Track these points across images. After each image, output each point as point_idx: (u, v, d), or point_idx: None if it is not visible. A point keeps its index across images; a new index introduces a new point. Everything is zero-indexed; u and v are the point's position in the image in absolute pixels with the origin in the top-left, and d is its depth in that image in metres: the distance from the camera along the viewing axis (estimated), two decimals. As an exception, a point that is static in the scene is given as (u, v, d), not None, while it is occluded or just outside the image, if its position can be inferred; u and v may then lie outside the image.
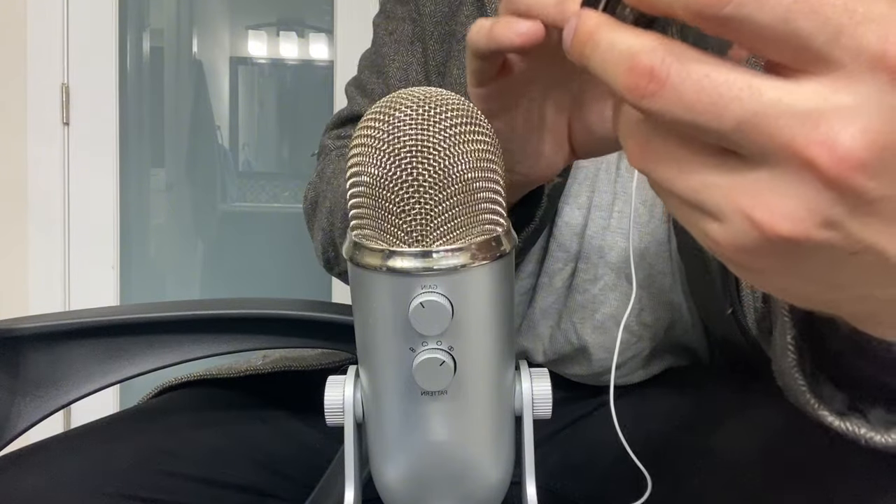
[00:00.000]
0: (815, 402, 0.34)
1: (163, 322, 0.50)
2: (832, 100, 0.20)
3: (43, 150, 1.76)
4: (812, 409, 0.34)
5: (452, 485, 0.37)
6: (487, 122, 0.31)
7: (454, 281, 0.30)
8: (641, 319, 0.62)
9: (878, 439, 0.32)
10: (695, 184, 0.23)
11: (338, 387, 0.37)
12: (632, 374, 0.66)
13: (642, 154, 0.25)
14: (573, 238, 0.61)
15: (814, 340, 0.35)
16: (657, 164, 0.24)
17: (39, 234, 1.77)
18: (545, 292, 0.63)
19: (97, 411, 0.65)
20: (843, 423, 0.33)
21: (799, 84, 0.21)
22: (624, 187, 0.60)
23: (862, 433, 0.32)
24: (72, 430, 0.56)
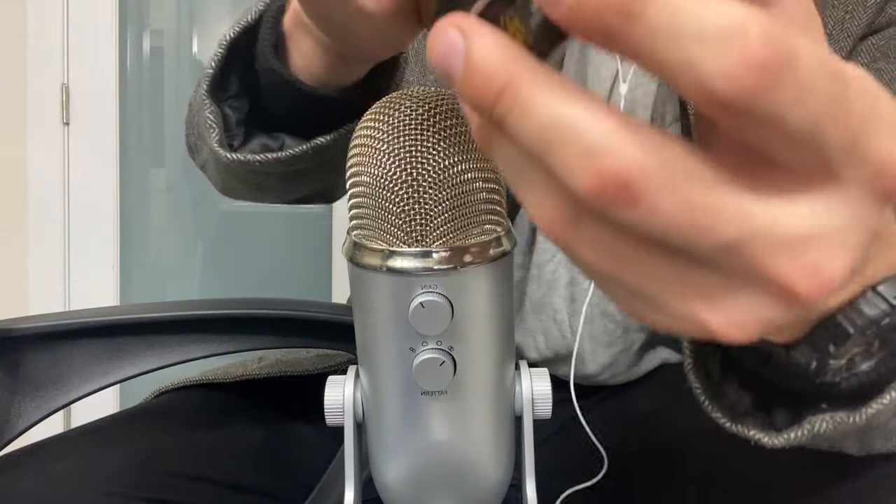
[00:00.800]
0: (709, 403, 0.34)
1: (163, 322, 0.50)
2: (825, 223, 0.19)
3: (43, 150, 1.76)
4: (706, 409, 0.34)
5: (452, 485, 0.37)
6: None
7: (454, 281, 0.30)
8: None
9: (765, 441, 0.33)
10: (640, 278, 0.20)
11: (338, 387, 0.37)
12: (626, 371, 0.66)
13: (567, 234, 0.20)
14: None
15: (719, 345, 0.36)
16: (588, 250, 0.20)
17: (39, 234, 1.77)
18: (535, 284, 0.63)
19: (97, 411, 0.65)
20: (735, 426, 0.33)
21: (794, 204, 0.19)
22: None
23: (751, 435, 0.33)
24: (72, 430, 0.56)
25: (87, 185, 1.78)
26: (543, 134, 0.18)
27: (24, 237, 1.77)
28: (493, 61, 0.18)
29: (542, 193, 0.20)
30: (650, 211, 0.18)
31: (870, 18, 0.52)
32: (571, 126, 0.18)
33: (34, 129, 1.75)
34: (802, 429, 0.32)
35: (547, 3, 0.17)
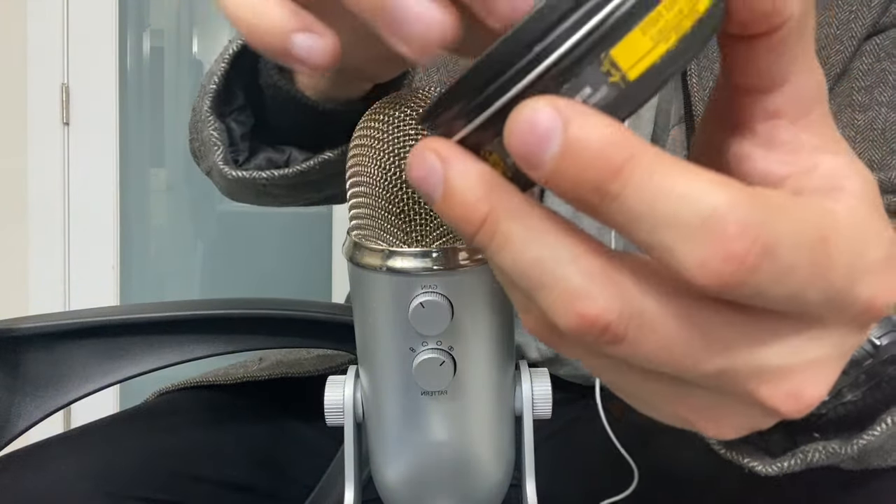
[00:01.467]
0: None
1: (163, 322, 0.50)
2: (808, 356, 0.19)
3: (43, 150, 1.76)
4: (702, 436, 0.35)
5: (452, 485, 0.37)
6: None
7: (454, 281, 0.30)
8: None
9: (759, 469, 0.33)
10: (630, 388, 0.21)
11: (338, 387, 0.37)
12: None
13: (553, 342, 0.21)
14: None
15: None
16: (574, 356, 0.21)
17: (39, 234, 1.77)
18: None
19: (97, 411, 0.65)
20: (729, 452, 0.34)
21: (777, 341, 0.19)
22: None
23: (745, 462, 0.33)
24: (72, 430, 0.56)
25: (87, 185, 1.78)
26: (523, 272, 0.18)
27: (24, 237, 1.77)
28: (471, 192, 0.18)
29: (527, 306, 0.20)
30: (633, 350, 0.18)
31: (874, 19, 0.52)
32: (552, 270, 0.17)
33: (34, 129, 1.75)
34: (796, 458, 0.32)
35: (527, 165, 0.17)
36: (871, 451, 0.33)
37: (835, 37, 0.53)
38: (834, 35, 0.53)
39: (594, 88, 0.17)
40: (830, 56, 0.53)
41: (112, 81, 1.76)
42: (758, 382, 0.19)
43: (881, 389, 0.31)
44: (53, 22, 1.74)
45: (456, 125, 0.19)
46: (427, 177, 0.18)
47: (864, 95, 0.52)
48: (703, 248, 0.16)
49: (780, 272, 0.17)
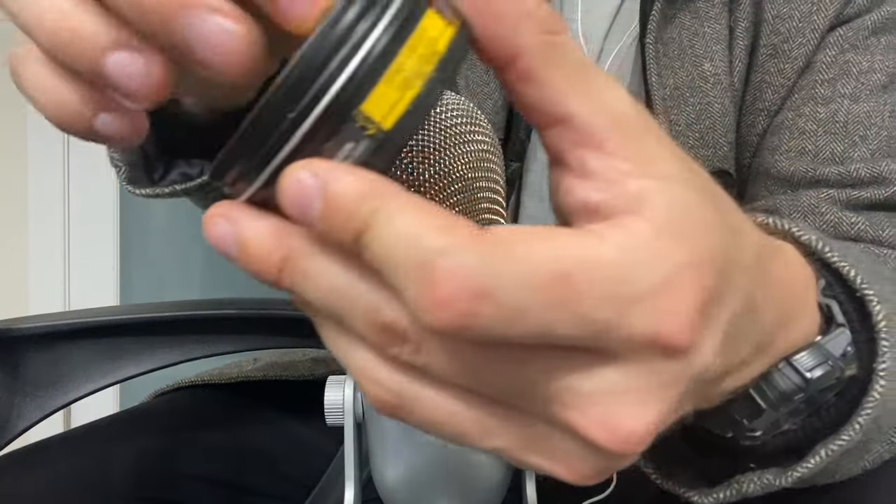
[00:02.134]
0: (642, 460, 0.34)
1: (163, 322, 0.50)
2: (610, 384, 0.19)
3: (43, 150, 1.76)
4: (639, 464, 0.34)
5: (452, 485, 0.37)
6: (487, 122, 0.31)
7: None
8: None
9: (695, 499, 0.32)
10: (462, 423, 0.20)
11: (338, 387, 0.37)
12: None
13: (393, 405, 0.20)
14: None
15: None
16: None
17: (39, 234, 1.77)
18: None
19: (97, 411, 0.65)
20: (665, 483, 0.33)
21: (569, 366, 0.19)
22: None
23: (681, 493, 0.32)
24: (72, 430, 0.56)
25: (87, 185, 1.78)
26: (328, 300, 0.19)
27: (24, 237, 1.77)
28: (264, 244, 0.19)
29: (335, 339, 0.21)
30: (427, 360, 0.19)
31: (837, 10, 0.51)
32: (350, 294, 0.19)
33: (34, 129, 1.75)
34: (731, 488, 0.31)
35: (303, 223, 0.18)
36: (815, 478, 0.32)
37: (797, 30, 0.52)
38: (796, 28, 0.52)
39: (356, 142, 0.18)
40: (793, 49, 0.52)
41: (112, 81, 1.76)
42: (562, 406, 0.19)
43: (820, 417, 0.30)
44: (53, 22, 1.74)
45: (240, 185, 0.20)
46: (222, 238, 0.20)
47: (826, 88, 0.52)
48: (420, 293, 0.17)
49: (507, 314, 0.17)
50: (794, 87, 0.53)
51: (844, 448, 0.29)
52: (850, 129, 0.50)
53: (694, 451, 0.34)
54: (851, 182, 0.50)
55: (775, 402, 0.28)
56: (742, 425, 0.29)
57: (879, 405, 0.29)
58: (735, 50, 0.54)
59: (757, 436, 0.30)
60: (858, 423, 0.29)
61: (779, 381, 0.28)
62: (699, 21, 0.54)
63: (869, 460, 0.35)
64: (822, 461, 0.29)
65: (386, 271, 0.18)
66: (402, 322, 0.18)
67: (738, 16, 0.54)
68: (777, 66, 0.53)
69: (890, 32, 0.52)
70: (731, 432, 0.29)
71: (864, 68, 0.51)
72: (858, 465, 0.35)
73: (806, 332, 0.29)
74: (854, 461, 0.34)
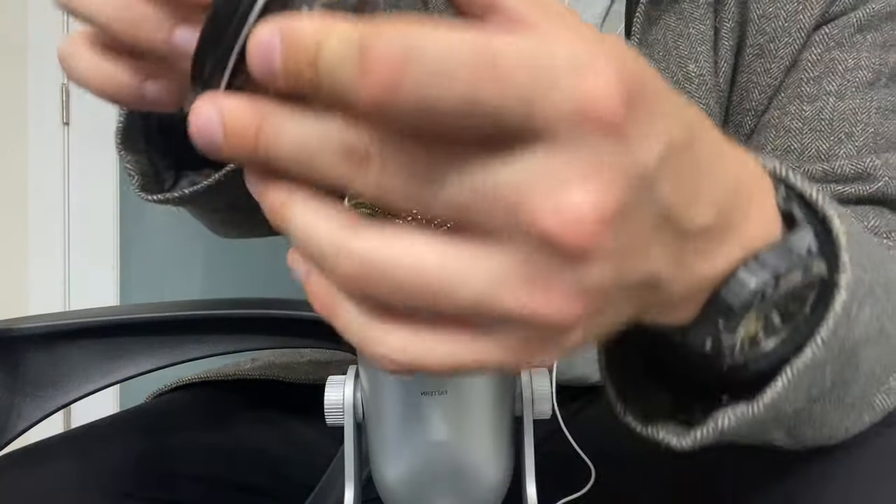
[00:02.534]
0: (620, 406, 0.33)
1: (163, 322, 0.50)
2: (555, 168, 0.19)
3: (43, 150, 1.76)
4: (619, 414, 0.34)
5: (452, 485, 0.37)
6: None
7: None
8: None
9: (674, 443, 0.32)
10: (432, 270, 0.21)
11: (338, 387, 0.37)
12: None
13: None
14: None
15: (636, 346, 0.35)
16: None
17: (39, 234, 1.77)
18: None
19: (97, 411, 0.65)
20: (645, 429, 0.33)
21: (516, 156, 0.19)
22: None
23: (661, 438, 0.32)
24: (72, 430, 0.56)
25: (87, 185, 1.78)
26: (299, 150, 0.21)
27: (24, 237, 1.77)
28: (242, 114, 0.21)
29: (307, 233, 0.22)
30: (381, 180, 0.20)
31: (823, 9, 0.51)
32: (317, 135, 0.21)
33: (34, 129, 1.75)
34: (706, 427, 0.31)
35: (272, 80, 0.21)
36: (795, 418, 0.32)
37: (783, 29, 0.52)
38: (782, 28, 0.52)
39: (309, 6, 0.21)
40: (779, 49, 0.52)
41: (112, 81, 1.76)
42: (511, 208, 0.20)
43: (799, 335, 0.29)
44: (53, 22, 1.74)
45: (216, 77, 0.22)
46: (206, 124, 0.22)
47: (812, 86, 0.52)
48: (354, 75, 0.19)
49: (432, 78, 0.18)
50: (780, 87, 0.53)
51: (810, 365, 0.29)
52: (835, 126, 0.50)
53: (673, 397, 0.34)
54: (836, 178, 0.50)
55: (746, 299, 0.27)
56: (717, 330, 0.28)
57: (843, 320, 0.29)
58: (720, 50, 0.54)
59: (732, 347, 0.29)
60: (821, 338, 0.28)
61: (745, 276, 0.27)
62: (684, 22, 0.54)
63: (851, 417, 0.35)
64: (791, 382, 0.29)
65: (324, 76, 0.20)
66: (362, 140, 0.20)
67: (723, 16, 0.54)
68: (763, 65, 0.53)
69: (875, 30, 0.51)
70: (709, 342, 0.29)
71: (849, 66, 0.51)
72: (839, 415, 0.35)
73: (768, 229, 0.28)
74: (834, 408, 0.34)
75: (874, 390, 0.36)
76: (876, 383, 0.35)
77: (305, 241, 0.22)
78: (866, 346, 0.32)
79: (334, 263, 0.21)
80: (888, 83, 0.51)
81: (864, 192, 0.49)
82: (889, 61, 0.51)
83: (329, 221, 0.22)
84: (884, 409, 0.36)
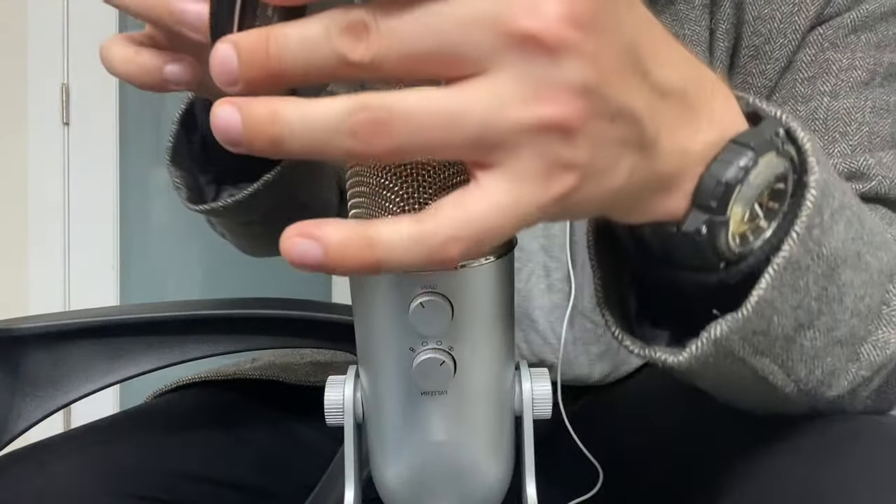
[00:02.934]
0: (620, 333, 0.36)
1: (163, 322, 0.50)
2: None
3: (43, 150, 1.76)
4: (618, 340, 0.36)
5: (452, 485, 0.37)
6: None
7: (454, 281, 0.30)
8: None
9: (670, 360, 0.33)
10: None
11: (338, 387, 0.37)
12: (615, 370, 0.65)
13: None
14: (528, 237, 0.61)
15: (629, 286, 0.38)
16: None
17: (39, 234, 1.77)
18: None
19: (97, 411, 0.65)
20: (642, 350, 0.35)
21: None
22: None
23: (658, 357, 0.34)
24: (72, 430, 0.56)
25: (87, 185, 1.78)
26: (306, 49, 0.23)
27: (24, 237, 1.77)
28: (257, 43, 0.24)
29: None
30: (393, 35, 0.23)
31: (817, 10, 0.51)
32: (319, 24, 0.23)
33: (34, 129, 1.75)
34: (700, 340, 0.32)
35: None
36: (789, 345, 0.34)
37: (778, 31, 0.52)
38: (777, 29, 0.52)
39: None
40: (774, 50, 0.52)
41: (112, 81, 1.76)
42: (491, 23, 0.22)
43: (780, 232, 0.32)
44: (53, 22, 1.74)
45: (229, 24, 0.26)
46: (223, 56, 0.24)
47: (806, 86, 0.52)
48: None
49: None
50: (775, 87, 0.53)
51: (789, 260, 0.31)
52: (829, 125, 0.51)
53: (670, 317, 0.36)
54: None
55: (732, 176, 0.30)
56: (711, 211, 0.30)
57: (815, 219, 0.31)
58: (716, 52, 0.54)
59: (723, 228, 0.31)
60: (796, 232, 0.31)
61: (727, 155, 0.30)
62: (679, 23, 0.54)
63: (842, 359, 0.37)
64: (773, 279, 0.31)
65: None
66: (359, 14, 0.23)
67: (718, 18, 0.54)
68: (759, 67, 0.53)
69: (870, 30, 0.52)
70: (705, 227, 0.30)
71: (843, 66, 0.51)
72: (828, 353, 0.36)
73: (734, 119, 0.31)
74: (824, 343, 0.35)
75: (861, 332, 0.37)
76: (863, 324, 0.37)
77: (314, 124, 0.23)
78: (845, 268, 0.34)
79: (351, 123, 0.23)
80: (882, 83, 0.52)
81: (858, 190, 0.49)
82: (883, 61, 0.51)
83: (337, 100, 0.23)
84: (870, 361, 0.38)
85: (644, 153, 0.27)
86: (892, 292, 0.38)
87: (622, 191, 0.27)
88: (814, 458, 0.38)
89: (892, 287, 0.38)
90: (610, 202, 0.28)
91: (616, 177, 0.26)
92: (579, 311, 0.62)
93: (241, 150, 0.24)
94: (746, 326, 0.32)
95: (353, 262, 0.24)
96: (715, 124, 0.30)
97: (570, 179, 0.25)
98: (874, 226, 0.38)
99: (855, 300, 0.36)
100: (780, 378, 0.36)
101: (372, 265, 0.24)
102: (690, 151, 0.29)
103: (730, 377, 0.36)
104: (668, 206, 0.30)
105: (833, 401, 0.39)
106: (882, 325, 0.38)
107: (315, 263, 0.24)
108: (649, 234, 0.33)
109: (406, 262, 0.24)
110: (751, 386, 0.37)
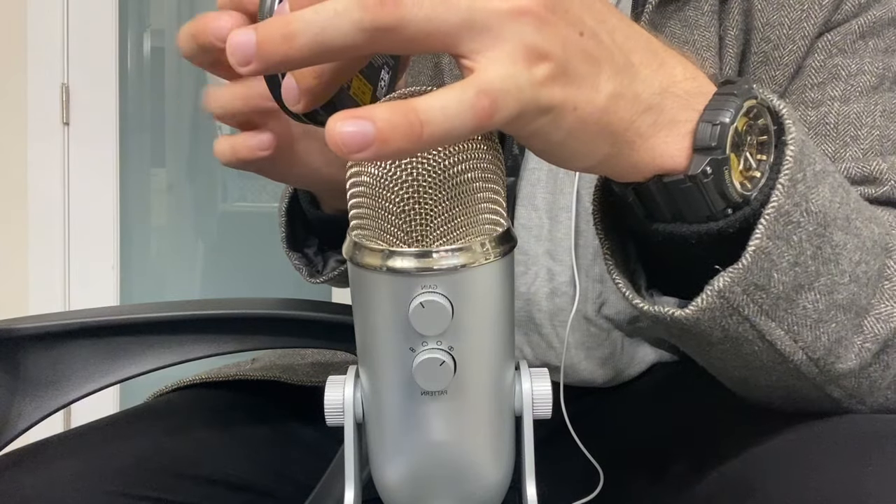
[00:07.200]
0: (630, 293, 0.38)
1: (163, 322, 0.50)
2: None
3: (43, 150, 1.76)
4: (628, 300, 0.38)
5: (452, 485, 0.37)
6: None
7: (454, 281, 0.30)
8: (603, 313, 0.61)
9: (678, 314, 0.36)
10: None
11: (338, 387, 0.37)
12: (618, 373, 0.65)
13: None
14: (532, 241, 0.61)
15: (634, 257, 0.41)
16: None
17: (39, 234, 1.77)
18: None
19: (97, 411, 0.65)
20: (652, 307, 0.37)
21: None
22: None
23: (665, 312, 0.36)
24: (72, 430, 0.56)
25: (87, 184, 1.78)
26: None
27: (24, 237, 1.77)
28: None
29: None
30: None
31: (826, 17, 0.51)
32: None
33: (34, 129, 1.75)
34: (704, 293, 0.35)
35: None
36: (792, 305, 0.36)
37: (787, 37, 0.52)
38: (786, 35, 0.52)
39: None
40: (784, 56, 0.53)
41: (112, 81, 1.77)
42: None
43: (769, 185, 0.35)
44: (53, 22, 1.74)
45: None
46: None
47: (816, 92, 0.52)
48: None
49: None
50: (784, 93, 0.53)
51: (779, 210, 0.34)
52: (840, 130, 0.51)
53: (675, 289, 0.39)
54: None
55: (727, 119, 0.33)
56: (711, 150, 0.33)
57: (798, 174, 0.34)
58: (725, 58, 0.54)
59: (730, 180, 0.34)
60: (780, 184, 0.34)
61: (716, 100, 0.34)
62: (689, 29, 0.54)
63: (847, 326, 0.38)
64: (766, 228, 0.34)
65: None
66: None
67: (727, 24, 0.54)
68: (768, 73, 0.53)
69: (878, 35, 0.52)
70: (709, 167, 0.33)
71: (852, 71, 0.51)
72: (832, 316, 0.37)
73: (705, 79, 0.35)
74: (826, 305, 0.37)
75: (863, 302, 0.39)
76: (863, 293, 0.38)
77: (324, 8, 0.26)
78: (836, 229, 0.36)
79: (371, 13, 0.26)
80: (891, 87, 0.52)
81: (870, 194, 0.49)
82: (892, 66, 0.52)
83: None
84: (874, 334, 0.39)
85: (622, 75, 0.31)
86: (893, 268, 0.40)
87: (615, 115, 0.31)
88: (813, 461, 0.38)
89: (892, 262, 0.40)
90: (608, 130, 0.31)
91: (599, 90, 0.30)
92: (583, 315, 0.62)
93: (253, 66, 0.26)
94: (747, 278, 0.34)
95: (400, 133, 0.26)
96: (689, 75, 0.34)
97: (547, 67, 0.28)
98: (863, 204, 0.40)
99: (851, 265, 0.37)
100: (787, 344, 0.37)
101: (417, 131, 0.26)
102: (671, 89, 0.33)
103: (739, 347, 0.37)
104: (669, 148, 0.33)
105: (845, 380, 0.39)
106: (885, 300, 0.39)
107: (364, 141, 0.25)
108: (656, 191, 0.35)
109: (448, 118, 0.26)
110: (761, 357, 0.38)
